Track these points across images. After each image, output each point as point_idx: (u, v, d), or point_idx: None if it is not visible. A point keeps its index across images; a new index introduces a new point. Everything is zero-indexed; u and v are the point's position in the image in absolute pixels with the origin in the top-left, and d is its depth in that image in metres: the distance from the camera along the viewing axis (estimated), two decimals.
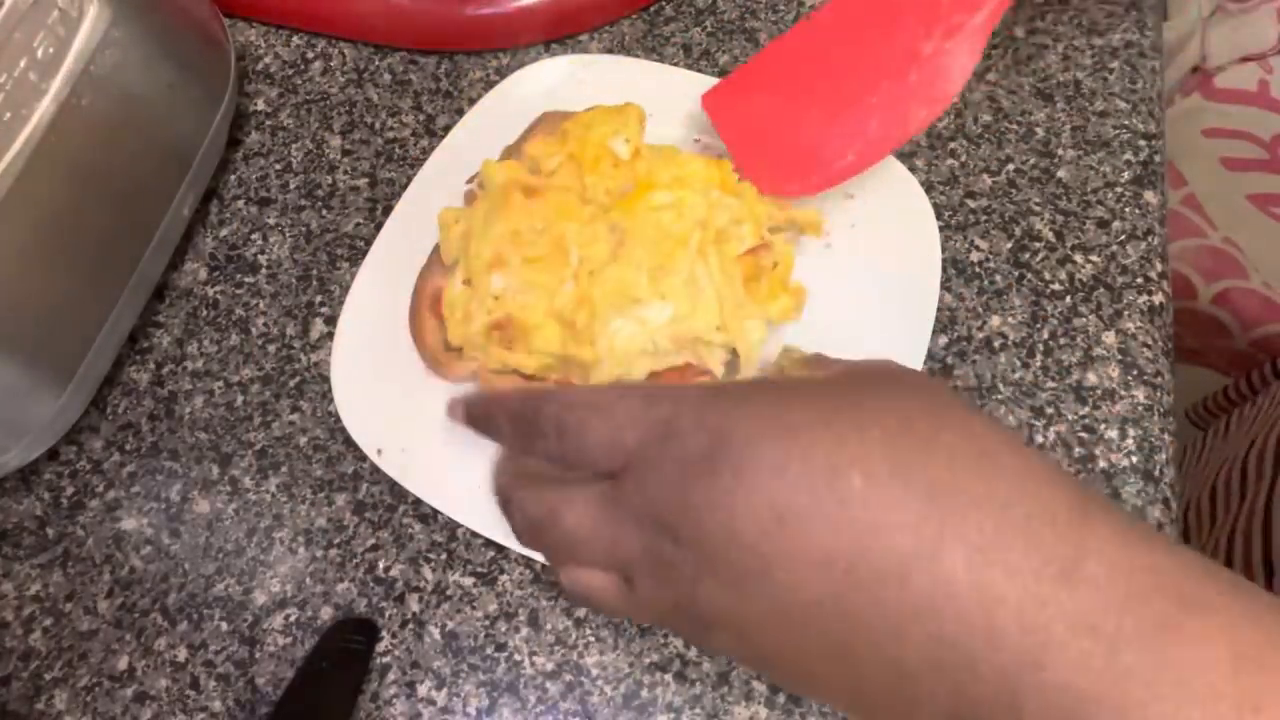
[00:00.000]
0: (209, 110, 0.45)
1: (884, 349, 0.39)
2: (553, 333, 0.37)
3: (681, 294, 0.37)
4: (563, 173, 0.39)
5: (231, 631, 0.39)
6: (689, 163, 0.40)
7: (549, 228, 0.38)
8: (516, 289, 0.38)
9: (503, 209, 0.38)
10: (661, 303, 0.37)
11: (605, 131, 0.40)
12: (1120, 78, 0.47)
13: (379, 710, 0.37)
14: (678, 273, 0.37)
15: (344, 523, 0.41)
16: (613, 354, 0.37)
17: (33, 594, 0.40)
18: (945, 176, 0.45)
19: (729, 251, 0.39)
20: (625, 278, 0.37)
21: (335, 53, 0.51)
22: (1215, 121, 0.85)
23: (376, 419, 0.39)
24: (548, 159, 0.40)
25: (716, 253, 0.38)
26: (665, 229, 0.38)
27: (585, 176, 0.39)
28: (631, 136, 0.40)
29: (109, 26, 0.38)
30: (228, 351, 0.44)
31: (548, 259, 0.38)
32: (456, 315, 0.39)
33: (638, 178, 0.39)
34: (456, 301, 0.39)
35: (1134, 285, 0.42)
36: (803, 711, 0.36)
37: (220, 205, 0.48)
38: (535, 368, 0.38)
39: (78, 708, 0.38)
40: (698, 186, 0.39)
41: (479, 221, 0.39)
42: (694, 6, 0.50)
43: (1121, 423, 0.40)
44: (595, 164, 0.39)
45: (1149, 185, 0.44)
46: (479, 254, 0.38)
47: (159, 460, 0.43)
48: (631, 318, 0.37)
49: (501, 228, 0.38)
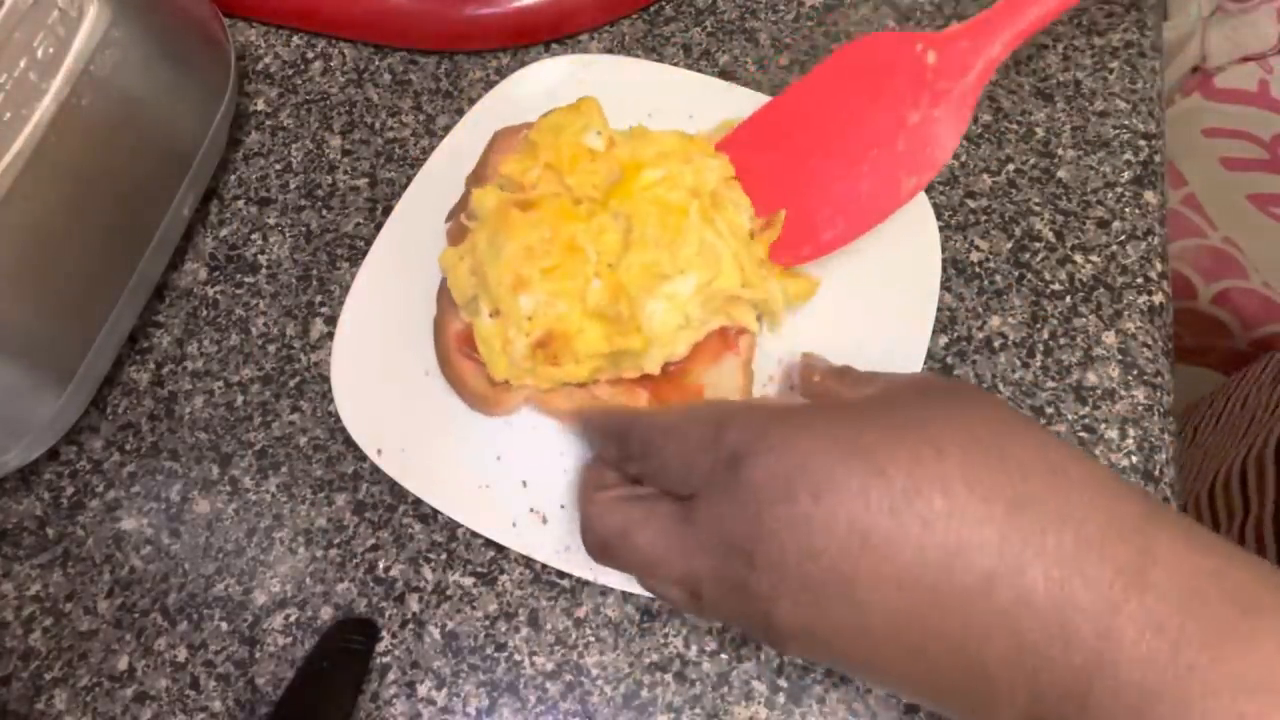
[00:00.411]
0: (209, 110, 0.45)
1: (884, 349, 0.39)
2: (595, 333, 0.37)
3: (698, 261, 0.37)
4: (545, 183, 0.39)
5: (231, 631, 0.39)
6: (663, 138, 0.40)
7: (556, 234, 0.38)
8: (547, 303, 0.37)
9: (505, 230, 0.38)
10: (683, 275, 0.37)
11: (575, 130, 0.39)
12: (1120, 78, 0.47)
13: (379, 710, 0.37)
14: (689, 243, 0.37)
15: (344, 523, 0.41)
16: (655, 337, 0.37)
17: (33, 594, 0.40)
18: (945, 176, 0.45)
19: (729, 215, 0.39)
20: (648, 259, 0.37)
21: (335, 53, 0.51)
22: (1215, 121, 0.85)
23: (376, 419, 0.39)
24: (526, 174, 0.39)
25: (720, 216, 0.38)
26: (664, 204, 0.38)
27: (567, 178, 0.39)
28: (601, 128, 0.39)
29: (109, 26, 0.38)
30: (228, 351, 0.44)
31: (565, 264, 0.37)
32: (495, 348, 0.38)
33: (622, 163, 0.39)
34: (491, 336, 0.38)
35: (1134, 285, 0.42)
36: (803, 712, 0.36)
37: (220, 205, 0.48)
38: (587, 374, 0.38)
39: (78, 708, 0.38)
40: (679, 157, 0.39)
41: (485, 250, 0.38)
42: (694, 6, 0.50)
43: (1121, 423, 0.40)
44: (574, 164, 0.39)
45: (1149, 185, 0.44)
46: (499, 281, 0.37)
47: (159, 460, 0.43)
48: (661, 296, 0.37)
49: (512, 248, 0.37)
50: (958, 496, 0.23)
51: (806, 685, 0.37)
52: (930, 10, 0.49)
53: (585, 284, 0.37)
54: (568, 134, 0.39)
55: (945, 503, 0.23)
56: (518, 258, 0.37)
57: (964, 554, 0.23)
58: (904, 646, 0.24)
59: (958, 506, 0.23)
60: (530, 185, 0.39)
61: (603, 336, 0.37)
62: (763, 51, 0.49)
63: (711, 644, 0.38)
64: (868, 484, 0.24)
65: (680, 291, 0.37)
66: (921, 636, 0.24)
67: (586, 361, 0.37)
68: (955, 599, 0.23)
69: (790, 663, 0.37)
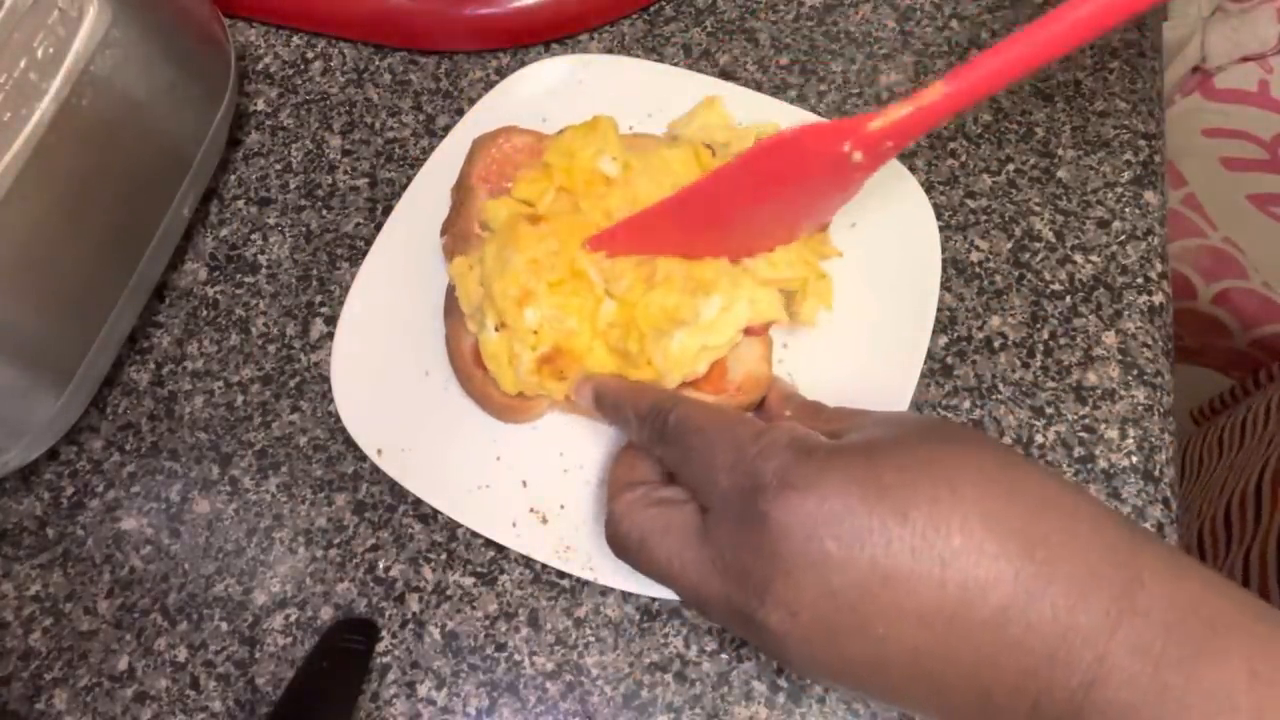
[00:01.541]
0: (209, 110, 0.45)
1: (884, 349, 0.39)
2: (604, 354, 0.37)
3: (724, 283, 0.37)
4: (558, 203, 0.39)
5: (231, 631, 0.39)
6: (674, 160, 0.39)
7: (564, 248, 0.37)
8: (553, 318, 0.37)
9: (513, 242, 0.37)
10: (707, 299, 0.36)
11: (588, 155, 0.39)
12: (1120, 78, 0.47)
13: (379, 710, 0.37)
14: (711, 266, 0.37)
15: (344, 523, 0.41)
16: (674, 365, 0.36)
17: (33, 594, 0.40)
18: (945, 176, 0.45)
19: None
20: (667, 303, 0.36)
21: (335, 53, 0.51)
22: (1215, 121, 0.85)
23: (376, 419, 0.39)
24: (540, 197, 0.39)
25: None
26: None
27: (581, 203, 0.38)
28: (616, 154, 0.39)
29: (109, 26, 0.38)
30: (228, 351, 0.44)
31: (570, 282, 0.37)
32: (502, 362, 0.38)
33: (635, 195, 0.38)
34: (498, 350, 0.38)
35: (1134, 285, 0.42)
36: (803, 712, 0.36)
37: (220, 205, 0.48)
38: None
39: (78, 708, 0.38)
40: (692, 178, 0.38)
41: (493, 261, 0.38)
42: (694, 6, 0.50)
43: (1121, 423, 0.40)
44: (589, 189, 0.38)
45: (1149, 185, 0.44)
46: (505, 293, 0.37)
47: (159, 460, 0.43)
48: (684, 328, 0.36)
49: (519, 260, 0.37)
50: (974, 535, 0.24)
51: (806, 685, 0.37)
52: (930, 10, 0.49)
53: (597, 304, 0.37)
54: (581, 158, 0.39)
55: (963, 541, 0.24)
56: (524, 270, 0.37)
57: (982, 589, 0.24)
58: (919, 676, 0.25)
59: (974, 544, 0.24)
60: (545, 207, 0.39)
61: (611, 360, 0.37)
62: (763, 51, 0.49)
63: (711, 644, 0.38)
64: (888, 526, 0.25)
65: (706, 314, 0.36)
66: (941, 665, 0.25)
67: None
68: (972, 631, 0.24)
69: None
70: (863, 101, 0.47)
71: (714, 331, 0.36)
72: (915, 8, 0.49)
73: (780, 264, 0.38)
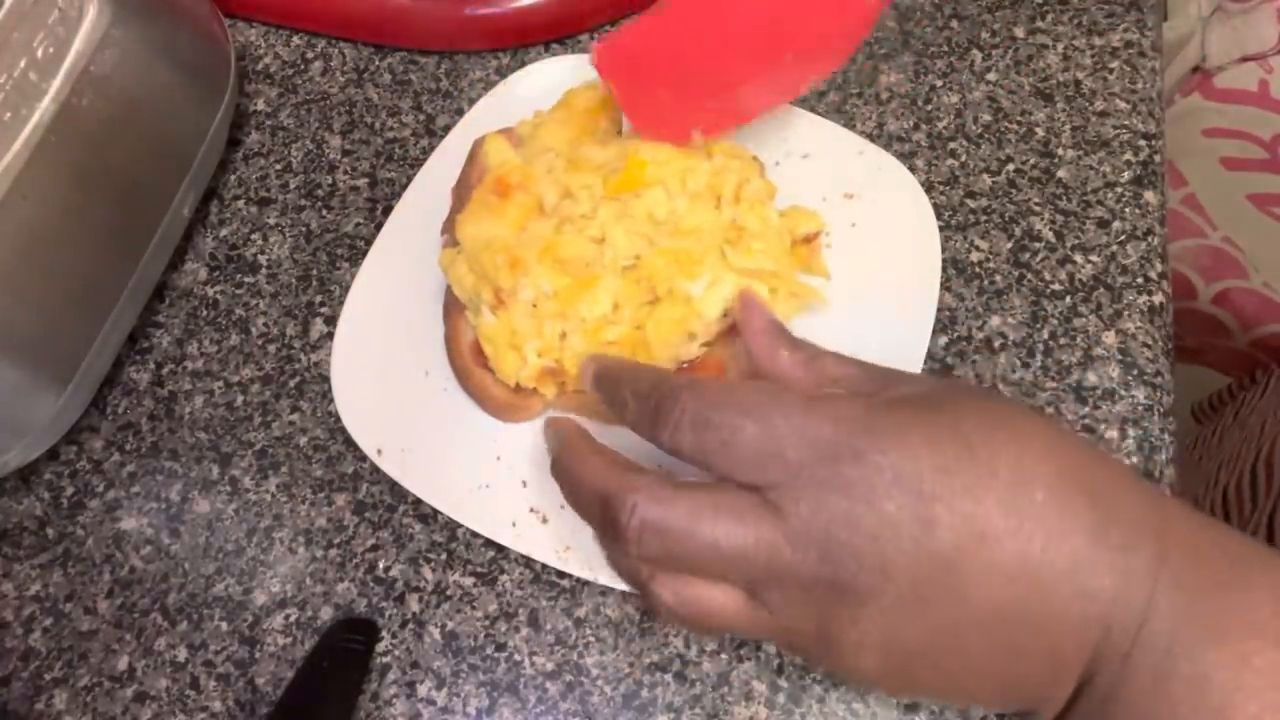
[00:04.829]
0: (209, 110, 0.45)
1: (884, 348, 0.39)
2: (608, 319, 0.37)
3: (717, 264, 0.37)
4: (549, 133, 0.39)
5: (231, 631, 0.39)
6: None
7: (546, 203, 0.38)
8: (559, 343, 0.36)
9: (482, 213, 0.38)
10: (693, 281, 0.36)
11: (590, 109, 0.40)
12: (1120, 78, 0.47)
13: (379, 710, 0.37)
14: (705, 248, 0.37)
15: (344, 523, 0.41)
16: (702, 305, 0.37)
17: (33, 594, 0.40)
18: (945, 176, 0.45)
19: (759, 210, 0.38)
20: (675, 316, 0.36)
21: (335, 53, 0.51)
22: (1215, 121, 0.85)
23: (376, 419, 0.39)
24: (503, 164, 0.39)
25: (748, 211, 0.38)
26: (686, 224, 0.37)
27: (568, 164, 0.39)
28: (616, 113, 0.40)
29: (109, 26, 0.38)
30: (228, 351, 0.44)
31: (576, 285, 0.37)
32: (500, 346, 0.37)
33: (628, 155, 0.38)
34: (495, 335, 0.37)
35: (1134, 285, 0.42)
36: (803, 712, 0.36)
37: (220, 205, 0.48)
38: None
39: (78, 708, 0.38)
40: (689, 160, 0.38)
41: (471, 242, 0.38)
42: None
43: (1121, 423, 0.40)
44: (584, 139, 0.39)
45: (1149, 185, 0.44)
46: (493, 262, 0.36)
47: (159, 460, 0.43)
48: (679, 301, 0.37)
49: (498, 226, 0.37)
50: (1054, 489, 0.25)
51: (806, 685, 0.37)
52: (930, 10, 0.49)
53: (604, 323, 0.37)
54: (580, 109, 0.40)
55: (1046, 496, 0.25)
56: (508, 236, 0.37)
57: (1064, 540, 0.25)
58: (996, 646, 0.25)
59: (1055, 498, 0.25)
60: (536, 141, 0.40)
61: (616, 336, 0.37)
62: None
63: (711, 644, 0.38)
64: (978, 481, 0.25)
65: (693, 295, 0.36)
66: (1016, 629, 0.25)
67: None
68: (1052, 584, 0.25)
69: (790, 663, 0.37)
70: (863, 102, 0.47)
71: (706, 306, 0.37)
72: (915, 8, 0.49)
73: (759, 255, 0.38)
